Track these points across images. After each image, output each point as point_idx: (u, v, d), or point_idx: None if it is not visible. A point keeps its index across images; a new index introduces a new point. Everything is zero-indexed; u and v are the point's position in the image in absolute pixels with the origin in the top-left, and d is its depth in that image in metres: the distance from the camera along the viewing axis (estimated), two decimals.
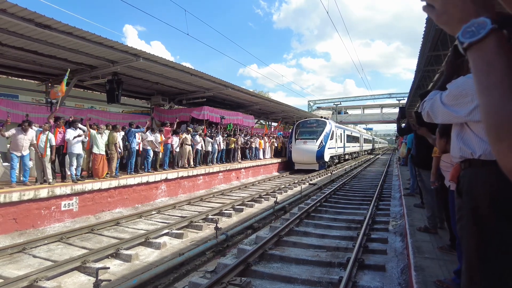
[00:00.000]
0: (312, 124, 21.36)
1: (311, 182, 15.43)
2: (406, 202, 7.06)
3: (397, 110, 45.92)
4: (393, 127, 79.40)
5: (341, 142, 24.60)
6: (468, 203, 1.62)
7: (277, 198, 9.78)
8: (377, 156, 43.66)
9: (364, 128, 57.53)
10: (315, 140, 19.88)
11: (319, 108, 51.73)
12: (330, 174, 18.14)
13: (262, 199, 10.89)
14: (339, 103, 48.55)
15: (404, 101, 37.14)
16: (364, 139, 44.27)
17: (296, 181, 15.35)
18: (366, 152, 46.98)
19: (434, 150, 3.86)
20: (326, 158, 20.21)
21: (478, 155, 1.60)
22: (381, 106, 52.70)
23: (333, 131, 21.25)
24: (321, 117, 23.90)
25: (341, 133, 24.67)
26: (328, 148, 20.31)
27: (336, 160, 24.20)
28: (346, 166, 24.01)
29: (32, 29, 7.42)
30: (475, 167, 1.64)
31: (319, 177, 18.11)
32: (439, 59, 12.58)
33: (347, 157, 29.45)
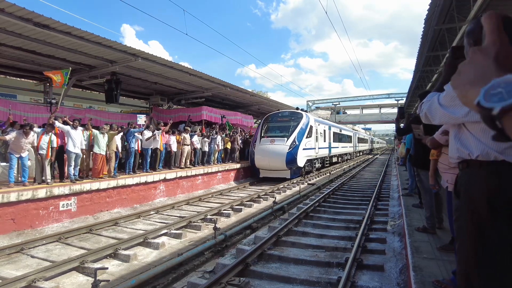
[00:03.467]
0: (284, 118, 16.73)
1: (309, 182, 15.43)
2: (405, 202, 7.07)
3: (395, 110, 46.03)
4: (391, 127, 79.61)
5: (324, 141, 19.83)
6: (466, 204, 1.62)
7: (275, 198, 9.79)
8: (376, 156, 43.72)
9: (362, 128, 57.59)
10: (286, 138, 15.21)
11: (318, 108, 51.79)
12: (328, 174, 17.94)
13: (261, 199, 10.89)
14: (338, 103, 48.59)
15: (403, 101, 37.26)
16: (359, 138, 40.71)
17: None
18: (362, 153, 44.16)
19: (431, 153, 3.87)
20: (300, 162, 15.33)
21: (475, 156, 1.61)
22: (380, 106, 52.81)
23: (311, 126, 16.43)
24: (297, 108, 18.79)
25: (324, 130, 19.80)
26: (304, 149, 15.50)
27: (318, 165, 19.22)
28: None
29: (31, 28, 7.42)
30: (473, 168, 1.64)
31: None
32: (438, 59, 12.62)
33: (335, 159, 24.62)
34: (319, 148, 18.08)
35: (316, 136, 17.43)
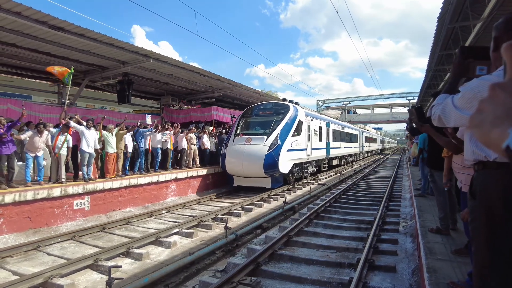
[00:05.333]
0: (266, 111, 13.61)
1: (320, 182, 15.35)
2: (417, 203, 6.99)
3: (406, 110, 45.49)
4: (402, 127, 78.51)
5: (321, 140, 16.64)
6: (481, 204, 1.61)
7: (286, 198, 9.78)
8: (387, 156, 43.22)
9: (373, 128, 57.06)
10: (266, 137, 12.03)
11: (328, 107, 51.55)
12: (339, 175, 17.65)
13: (271, 199, 10.90)
14: (348, 102, 48.28)
15: (415, 101, 36.78)
16: (367, 137, 36.43)
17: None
18: (370, 154, 40.97)
19: (444, 150, 3.82)
20: (284, 167, 12.05)
21: (493, 158, 1.59)
22: (391, 106, 52.33)
23: (300, 121, 13.26)
24: (284, 99, 15.55)
25: (320, 127, 16.64)
26: (289, 150, 12.29)
27: (313, 169, 16.03)
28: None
29: (46, 31, 7.57)
30: (489, 169, 1.63)
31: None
32: (451, 58, 12.43)
33: (335, 162, 20.93)
34: (312, 149, 14.74)
35: (308, 134, 14.28)
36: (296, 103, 14.63)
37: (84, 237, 6.86)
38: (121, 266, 4.79)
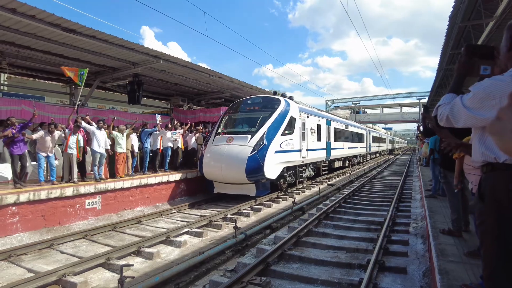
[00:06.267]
0: (253, 106, 12.02)
1: (329, 182, 15.29)
2: (428, 204, 6.91)
3: (417, 109, 44.99)
4: (412, 127, 77.61)
5: (319, 140, 14.98)
6: (490, 207, 1.60)
7: (295, 198, 9.77)
8: (397, 157, 42.78)
9: (383, 128, 56.57)
10: (250, 136, 10.48)
11: (337, 107, 51.29)
12: (348, 175, 17.52)
13: (280, 199, 10.90)
14: (357, 102, 47.93)
15: (425, 100, 36.33)
16: (374, 137, 33.89)
17: None
18: (379, 155, 39.15)
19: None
20: (271, 171, 10.43)
21: (502, 160, 1.57)
22: (401, 106, 51.79)
23: (292, 118, 11.73)
24: (274, 92, 14.26)
25: (318, 125, 14.99)
26: (278, 152, 10.70)
27: (310, 172, 14.32)
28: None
29: (59, 33, 7.70)
30: (498, 170, 1.61)
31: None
32: None
33: (337, 164, 19.04)
34: (308, 150, 13.16)
35: (303, 133, 12.69)
36: (290, 98, 13.10)
37: (95, 236, 6.97)
38: (132, 265, 4.85)
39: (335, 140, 17.89)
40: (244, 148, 10.10)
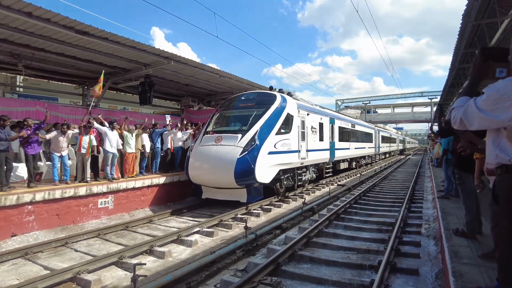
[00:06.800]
0: (247, 102, 11.06)
1: (339, 183, 15.19)
2: (440, 205, 6.82)
3: (428, 109, 44.36)
4: (424, 127, 76.57)
5: (322, 140, 13.95)
6: (505, 209, 1.58)
7: (305, 199, 9.76)
8: (408, 157, 42.25)
9: (394, 128, 55.92)
10: (240, 135, 9.48)
11: (347, 107, 50.93)
12: (359, 175, 17.36)
13: (290, 199, 10.89)
14: (368, 102, 47.49)
15: (437, 100, 35.80)
16: (383, 137, 32.36)
17: None
18: (389, 155, 37.92)
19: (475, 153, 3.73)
20: (263, 175, 9.33)
21: None
22: (412, 105, 51.16)
23: (289, 115, 10.70)
24: (270, 87, 13.01)
25: (321, 123, 13.99)
26: (271, 153, 9.63)
27: (311, 175, 13.00)
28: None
29: (72, 36, 7.84)
30: None
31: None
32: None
33: (342, 165, 17.87)
34: (308, 150, 12.17)
35: (302, 132, 11.74)
36: (289, 94, 12.26)
37: (108, 235, 7.09)
38: (145, 264, 4.91)
39: (340, 140, 16.94)
40: (233, 149, 9.16)
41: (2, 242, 6.35)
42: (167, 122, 11.67)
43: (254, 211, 9.09)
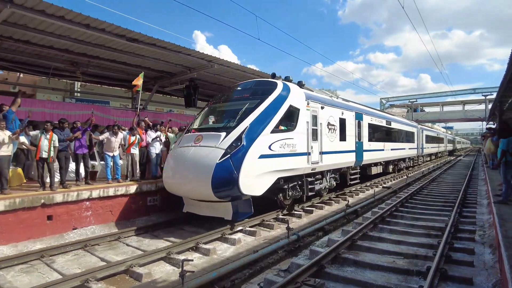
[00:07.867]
0: (243, 93, 8.92)
1: (384, 185, 14.67)
2: (497, 210, 6.36)
3: (482, 107, 41.20)
4: (477, 126, 71.35)
5: (343, 140, 11.32)
6: None
7: (348, 201, 9.56)
8: (459, 158, 39.62)
9: (443, 127, 52.67)
10: (224, 134, 7.43)
11: (392, 106, 48.87)
12: (405, 177, 16.56)
13: (332, 201, 10.72)
14: (414, 100, 45.19)
15: (492, 97, 33.14)
16: (428, 136, 29.13)
17: None
18: (435, 157, 35.32)
19: None
20: (250, 185, 7.18)
21: None
22: (463, 103, 47.79)
23: (292, 107, 8.52)
24: (273, 75, 10.57)
25: (343, 119, 11.47)
26: (264, 157, 7.47)
27: (327, 184, 10.49)
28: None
29: (123, 43, 8.39)
30: None
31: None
32: None
33: (374, 170, 14.99)
34: (322, 152, 9.77)
35: (314, 129, 9.43)
36: (300, 83, 9.90)
37: (157, 232, 7.48)
38: (192, 260, 5.13)
39: (370, 140, 14.01)
40: (212, 151, 7.13)
41: (65, 234, 6.95)
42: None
43: (295, 212, 9.08)
